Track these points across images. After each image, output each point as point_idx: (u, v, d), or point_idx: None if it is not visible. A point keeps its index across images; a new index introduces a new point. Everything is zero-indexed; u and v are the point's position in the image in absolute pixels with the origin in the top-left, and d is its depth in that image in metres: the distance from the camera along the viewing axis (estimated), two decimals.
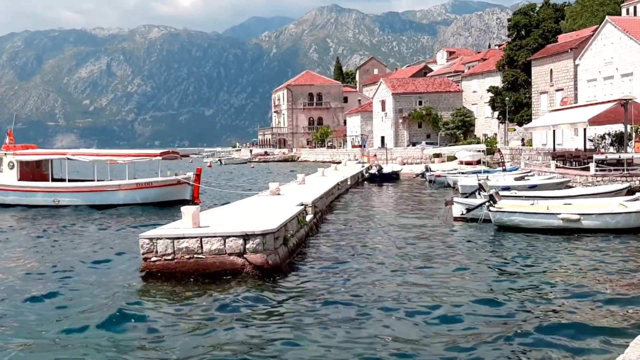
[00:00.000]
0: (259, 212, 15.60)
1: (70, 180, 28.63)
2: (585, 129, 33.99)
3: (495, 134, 66.19)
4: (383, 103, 76.84)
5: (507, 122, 57.77)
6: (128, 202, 26.64)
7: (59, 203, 27.06)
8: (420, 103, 74.33)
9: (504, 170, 35.13)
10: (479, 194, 19.84)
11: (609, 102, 30.91)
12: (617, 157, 28.64)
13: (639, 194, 19.53)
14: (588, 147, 36.15)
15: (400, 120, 74.30)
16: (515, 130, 60.54)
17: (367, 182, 40.83)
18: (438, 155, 54.37)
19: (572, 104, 42.25)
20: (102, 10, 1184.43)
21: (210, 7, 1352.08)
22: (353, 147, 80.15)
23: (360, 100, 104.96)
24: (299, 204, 17.33)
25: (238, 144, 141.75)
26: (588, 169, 27.88)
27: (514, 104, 56.19)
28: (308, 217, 17.48)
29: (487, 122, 69.79)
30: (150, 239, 12.28)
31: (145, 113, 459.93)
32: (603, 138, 36.34)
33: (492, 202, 17.06)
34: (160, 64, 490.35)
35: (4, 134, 31.77)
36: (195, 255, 12.18)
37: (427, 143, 69.00)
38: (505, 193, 21.79)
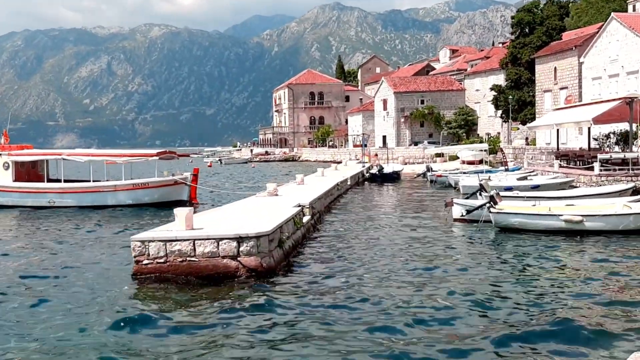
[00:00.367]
0: (255, 213, 15.44)
1: (66, 181, 28.50)
2: (590, 128, 33.75)
3: (499, 133, 65.90)
4: (385, 102, 76.60)
5: (510, 121, 57.49)
6: (124, 203, 26.50)
7: (55, 204, 26.91)
8: (423, 102, 74.10)
9: (507, 170, 34.90)
10: (480, 195, 19.61)
11: (614, 100, 30.64)
12: (622, 156, 28.38)
13: None
14: (592, 146, 35.89)
15: (402, 120, 74.06)
16: (519, 129, 60.25)
17: (367, 182, 40.65)
18: (440, 155, 54.14)
19: (576, 103, 41.96)
20: (102, 9, 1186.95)
21: (212, 5, 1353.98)
22: (354, 146, 79.94)
23: (362, 99, 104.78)
24: (296, 205, 17.14)
25: (239, 144, 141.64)
26: (592, 169, 27.64)
27: (518, 103, 55.91)
28: (305, 218, 17.29)
29: (490, 121, 69.51)
30: (142, 242, 12.11)
31: (146, 112, 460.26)
32: (608, 137, 36.06)
33: (492, 203, 16.83)
34: (161, 63, 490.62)
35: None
36: (188, 258, 12.01)
37: (429, 142, 68.78)
38: (507, 193, 21.60)
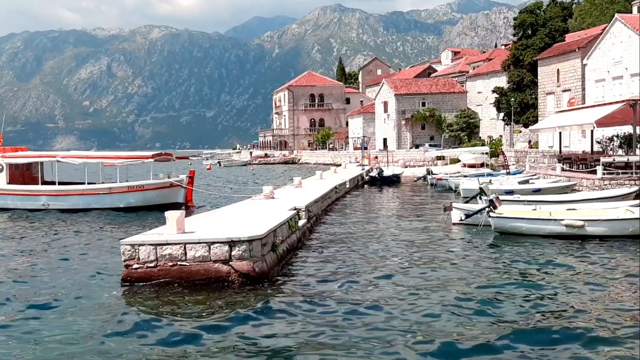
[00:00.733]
0: (250, 216, 15.31)
1: (61, 183, 28.36)
2: (593, 131, 33.53)
3: (501, 136, 65.68)
4: (385, 104, 76.44)
5: (512, 123, 57.28)
6: (119, 205, 26.31)
7: (49, 207, 26.75)
8: (424, 104, 73.92)
9: (508, 174, 34.70)
10: (480, 198, 19.41)
11: (617, 102, 30.43)
12: (625, 159, 28.18)
13: None
14: (596, 149, 35.69)
15: (403, 122, 73.89)
16: (521, 132, 60.05)
17: (367, 185, 40.45)
18: (441, 158, 53.95)
19: (579, 105, 41.77)
20: (102, 10, 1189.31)
21: (212, 6, 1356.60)
22: (355, 149, 79.77)
23: (363, 102, 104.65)
24: (292, 209, 16.99)
25: (239, 146, 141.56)
26: (595, 172, 27.45)
27: (520, 105, 55.72)
28: (301, 221, 17.10)
29: (492, 123, 69.31)
30: (132, 246, 11.98)
31: (146, 114, 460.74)
32: (611, 140, 35.86)
33: (492, 207, 16.62)
34: (161, 65, 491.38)
35: (4, 136, 31.57)
36: (179, 263, 11.88)
37: (430, 145, 68.56)
38: (508, 197, 21.41)
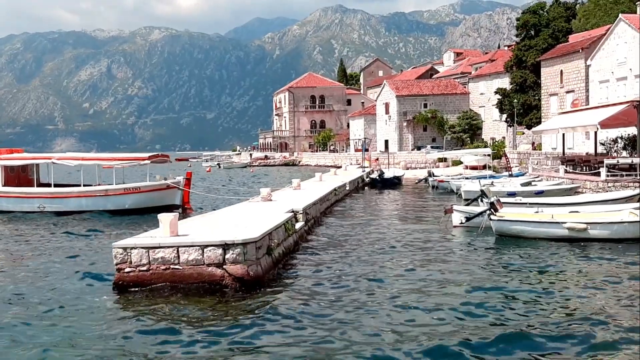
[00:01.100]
0: (246, 219, 15.16)
1: (57, 185, 28.23)
2: (596, 132, 33.36)
3: (504, 138, 65.52)
4: (387, 106, 76.28)
5: (515, 125, 57.09)
6: (116, 207, 26.16)
7: (45, 209, 26.60)
8: (426, 105, 73.73)
9: (510, 176, 34.55)
10: (482, 201, 19.23)
11: (621, 104, 30.29)
12: (629, 161, 28.03)
13: None
14: (599, 151, 35.53)
15: (405, 124, 73.71)
16: (524, 134, 59.87)
17: (367, 187, 40.27)
18: (443, 160, 53.79)
19: (583, 106, 41.59)
20: (101, 11, 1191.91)
21: (212, 7, 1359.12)
22: (356, 150, 79.64)
23: (364, 103, 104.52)
24: (289, 211, 16.85)
25: (239, 148, 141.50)
26: (599, 174, 27.31)
27: (523, 107, 55.52)
28: (298, 224, 16.96)
29: (495, 125, 69.14)
30: (124, 249, 11.85)
31: (146, 116, 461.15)
32: (615, 142, 35.72)
33: (492, 210, 16.43)
34: (161, 67, 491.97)
35: (3, 138, 31.46)
36: (172, 266, 11.74)
37: (432, 147, 68.36)
38: (510, 200, 21.27)
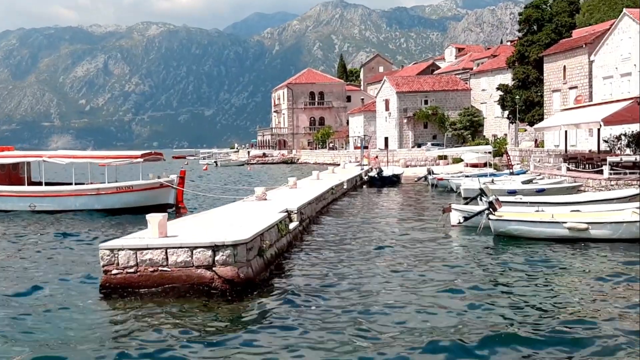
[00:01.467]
0: (238, 219, 15.01)
1: (48, 184, 28.06)
2: (599, 129, 33.16)
3: (506, 135, 65.36)
4: (387, 102, 76.10)
5: (517, 122, 56.89)
6: (108, 207, 26.00)
7: (36, 208, 26.44)
8: (426, 102, 73.56)
9: (511, 174, 34.38)
10: (481, 200, 19.05)
11: (624, 100, 30.08)
12: (633, 159, 27.85)
13: None
14: (603, 148, 35.32)
15: (405, 120, 73.55)
16: (526, 131, 59.68)
17: (366, 185, 40.11)
18: (443, 157, 53.62)
19: (586, 103, 41.38)
20: (98, 7, 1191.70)
21: (211, 2, 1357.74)
22: (355, 148, 79.46)
23: (364, 99, 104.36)
24: (283, 211, 16.68)
25: (237, 145, 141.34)
26: (601, 172, 27.11)
27: (525, 103, 55.35)
28: (292, 224, 16.79)
29: (496, 122, 68.98)
30: (111, 250, 11.70)
31: (143, 113, 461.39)
32: (619, 139, 35.50)
33: (491, 209, 16.25)
34: (159, 62, 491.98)
35: (1, 135, 31.32)
36: (160, 268, 11.58)
37: (432, 144, 68.21)
38: (510, 198, 21.10)
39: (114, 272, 11.57)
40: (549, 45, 53.88)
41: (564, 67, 50.42)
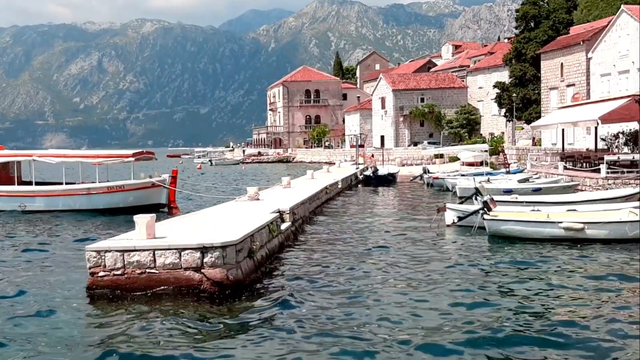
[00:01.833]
0: (229, 220, 14.87)
1: (38, 184, 27.87)
2: (597, 128, 33.08)
3: (503, 133, 65.30)
4: (383, 100, 75.98)
5: (514, 120, 56.79)
6: (98, 206, 25.84)
7: (26, 208, 26.26)
8: (423, 100, 73.44)
9: (508, 172, 34.31)
10: (476, 199, 18.95)
11: (622, 98, 29.98)
12: (630, 157, 27.75)
13: None
14: (600, 147, 35.25)
15: (401, 119, 73.43)
16: (524, 129, 59.60)
17: (361, 185, 39.99)
18: (440, 156, 53.54)
19: (584, 100, 41.30)
20: (92, 4, 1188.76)
21: None
22: (351, 147, 79.34)
23: (360, 97, 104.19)
24: (275, 211, 16.54)
25: (232, 144, 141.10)
26: (599, 171, 27.01)
27: (522, 101, 55.24)
28: (284, 225, 16.64)
29: (494, 120, 68.92)
30: (98, 252, 11.55)
31: (138, 111, 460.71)
32: (616, 137, 35.43)
33: (486, 209, 16.13)
34: (154, 60, 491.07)
35: None
36: (148, 270, 11.46)
37: (429, 143, 68.14)
38: (506, 197, 20.99)
39: (101, 274, 11.44)
40: (546, 43, 53.77)
41: (562, 64, 50.34)
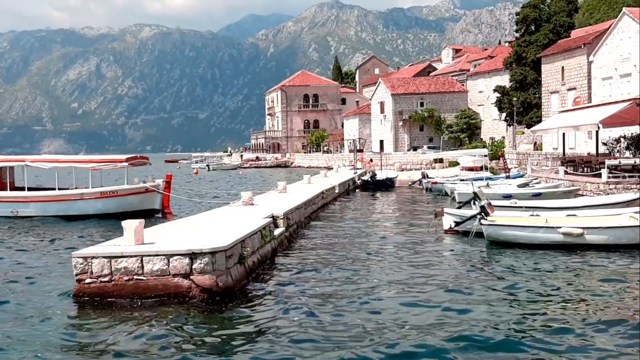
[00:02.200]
0: (221, 225, 14.77)
1: (31, 189, 27.69)
2: (598, 132, 32.91)
3: (504, 138, 65.16)
4: (382, 104, 75.87)
5: (515, 124, 56.63)
6: (92, 212, 25.67)
7: (18, 214, 26.09)
8: (422, 104, 73.28)
9: (508, 177, 34.13)
10: (474, 204, 18.76)
11: (623, 101, 29.84)
12: (632, 162, 27.56)
13: None
14: (602, 151, 35.06)
15: (400, 123, 73.29)
16: (524, 133, 59.44)
17: (359, 190, 39.84)
18: (439, 161, 53.36)
19: (585, 104, 41.15)
20: (91, 9, 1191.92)
21: (205, 4, 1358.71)
22: (350, 151, 79.19)
23: (359, 102, 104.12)
24: (268, 216, 16.38)
25: (230, 149, 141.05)
26: (600, 176, 26.81)
27: (523, 105, 55.08)
28: (278, 230, 16.47)
29: (494, 124, 68.79)
30: (85, 258, 11.46)
31: (136, 116, 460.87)
32: (618, 141, 35.24)
33: (483, 214, 15.95)
34: (152, 65, 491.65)
35: None
36: (135, 277, 11.37)
37: (428, 147, 67.95)
38: (505, 203, 20.80)
39: (88, 281, 11.35)
40: (547, 46, 53.66)
41: (563, 68, 50.22)
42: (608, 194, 24.16)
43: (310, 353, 8.38)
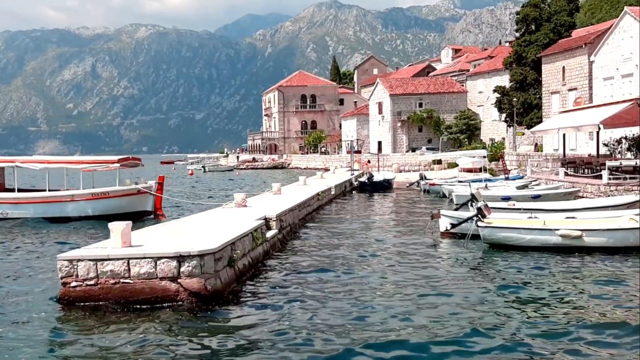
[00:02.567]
0: (211, 227, 14.66)
1: (21, 190, 27.54)
2: (599, 133, 32.81)
3: (503, 139, 65.07)
4: (380, 105, 75.76)
5: (515, 125, 56.54)
6: (82, 214, 25.52)
7: (7, 216, 25.93)
8: (421, 105, 73.17)
9: (507, 179, 34.02)
10: (472, 206, 18.62)
11: (624, 102, 29.75)
12: (633, 163, 27.46)
13: None
14: (603, 152, 34.97)
15: (399, 124, 73.18)
16: (524, 134, 59.35)
17: (356, 191, 39.76)
18: (438, 162, 53.27)
19: (586, 105, 41.05)
20: (87, 9, 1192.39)
21: (202, 3, 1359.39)
22: (348, 152, 79.04)
23: (357, 102, 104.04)
24: (261, 218, 16.24)
25: (226, 150, 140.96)
26: (600, 177, 26.70)
27: (523, 105, 55.00)
28: (270, 232, 16.34)
29: (494, 125, 68.72)
30: (70, 261, 11.34)
31: (132, 117, 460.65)
32: (619, 142, 35.16)
33: (480, 216, 15.82)
34: (148, 65, 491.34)
35: None
36: (122, 280, 11.26)
37: (427, 148, 67.85)
38: (503, 205, 20.69)
39: (73, 284, 11.25)
40: (548, 46, 53.58)
41: (563, 68, 50.14)
42: (609, 196, 24.05)
43: (301, 357, 8.31)
